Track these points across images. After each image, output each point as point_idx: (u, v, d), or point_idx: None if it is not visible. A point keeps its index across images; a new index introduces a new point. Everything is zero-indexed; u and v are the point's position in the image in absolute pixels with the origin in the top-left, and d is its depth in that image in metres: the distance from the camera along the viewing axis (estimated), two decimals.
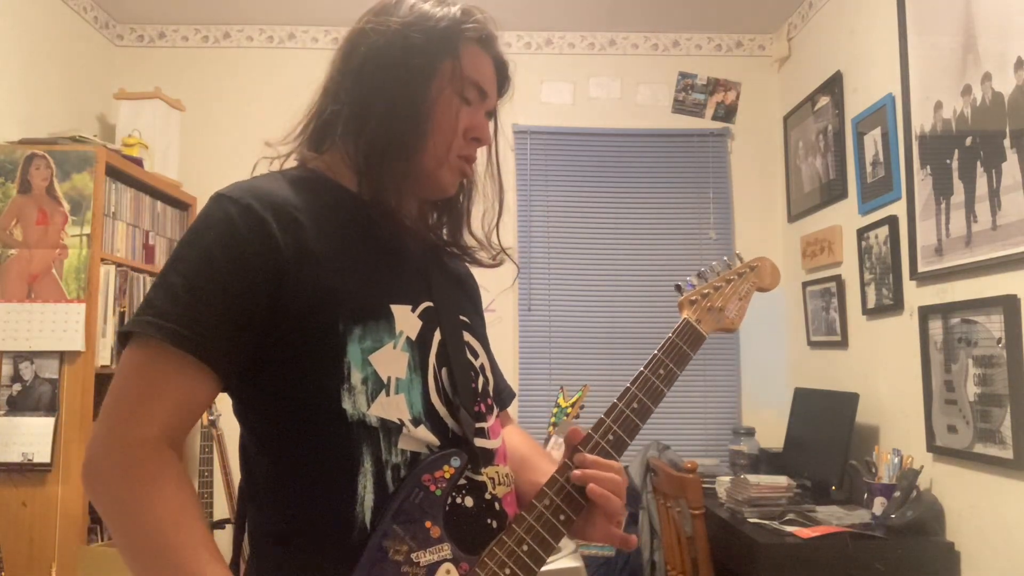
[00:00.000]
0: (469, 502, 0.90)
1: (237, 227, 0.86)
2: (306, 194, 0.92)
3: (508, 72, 1.06)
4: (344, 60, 0.99)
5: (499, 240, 1.11)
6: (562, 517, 0.92)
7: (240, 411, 0.93)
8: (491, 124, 1.05)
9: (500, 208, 1.09)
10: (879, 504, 2.33)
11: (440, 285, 1.00)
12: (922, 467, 2.33)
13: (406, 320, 0.91)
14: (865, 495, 2.47)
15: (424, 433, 0.89)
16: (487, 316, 1.17)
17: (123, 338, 0.86)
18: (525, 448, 1.11)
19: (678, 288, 1.11)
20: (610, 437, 0.97)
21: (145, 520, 0.79)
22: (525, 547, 0.89)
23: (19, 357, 2.56)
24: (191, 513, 0.81)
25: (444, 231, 1.09)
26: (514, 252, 3.53)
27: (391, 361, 0.88)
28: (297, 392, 0.87)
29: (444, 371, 0.94)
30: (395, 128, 0.94)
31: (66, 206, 2.64)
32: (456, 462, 0.89)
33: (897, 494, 2.30)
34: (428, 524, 0.86)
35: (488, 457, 0.95)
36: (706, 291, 1.11)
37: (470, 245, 1.09)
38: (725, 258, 1.16)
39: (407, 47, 0.95)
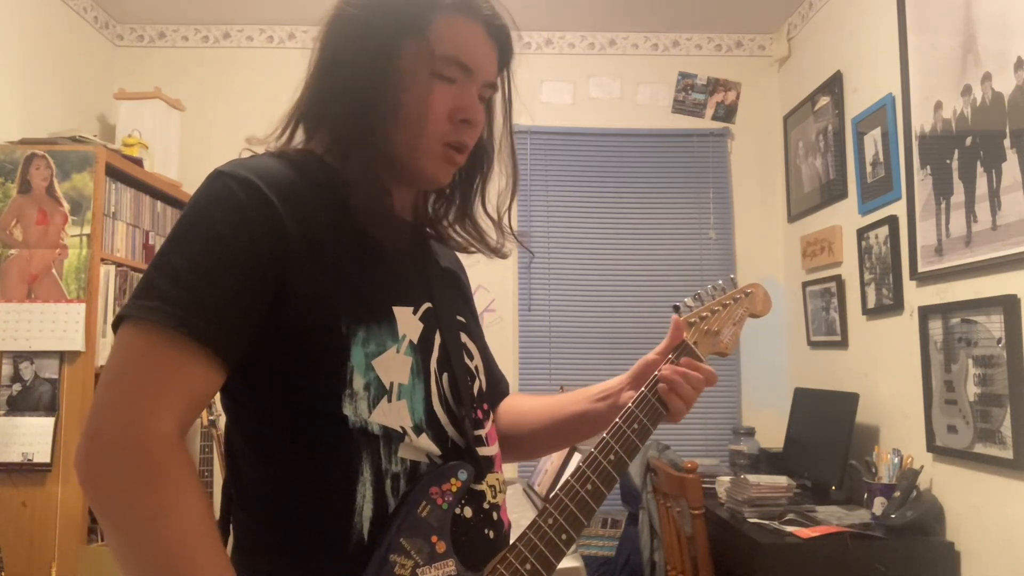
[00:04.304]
0: (468, 512, 0.88)
1: (244, 206, 0.80)
2: (310, 180, 0.87)
3: (507, 36, 0.95)
4: (319, 49, 0.93)
5: (507, 223, 1.02)
6: (564, 536, 0.90)
7: (232, 408, 0.87)
8: (498, 97, 0.97)
9: (514, 188, 1.01)
10: (879, 504, 2.33)
11: (439, 284, 0.96)
12: (922, 467, 2.33)
13: (408, 323, 0.87)
14: (865, 495, 2.47)
15: (425, 442, 0.86)
16: (487, 316, 1.16)
17: (119, 322, 0.78)
18: (545, 399, 1.14)
19: (676, 308, 1.10)
20: (616, 453, 0.97)
21: (169, 528, 0.72)
22: (528, 566, 0.88)
23: (19, 357, 2.56)
24: (212, 522, 0.76)
25: (450, 215, 1.02)
26: (514, 251, 3.52)
27: (394, 366, 0.85)
28: (295, 394, 0.82)
29: (445, 376, 0.91)
30: (358, 119, 0.88)
31: (66, 206, 2.63)
32: (463, 475, 0.87)
33: (897, 494, 2.30)
34: (434, 539, 0.84)
35: (488, 465, 0.93)
36: (704, 314, 1.11)
37: (478, 230, 1.02)
38: (720, 281, 1.15)
39: (369, 30, 0.88)
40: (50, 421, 2.52)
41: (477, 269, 1.15)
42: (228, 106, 3.55)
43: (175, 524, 0.72)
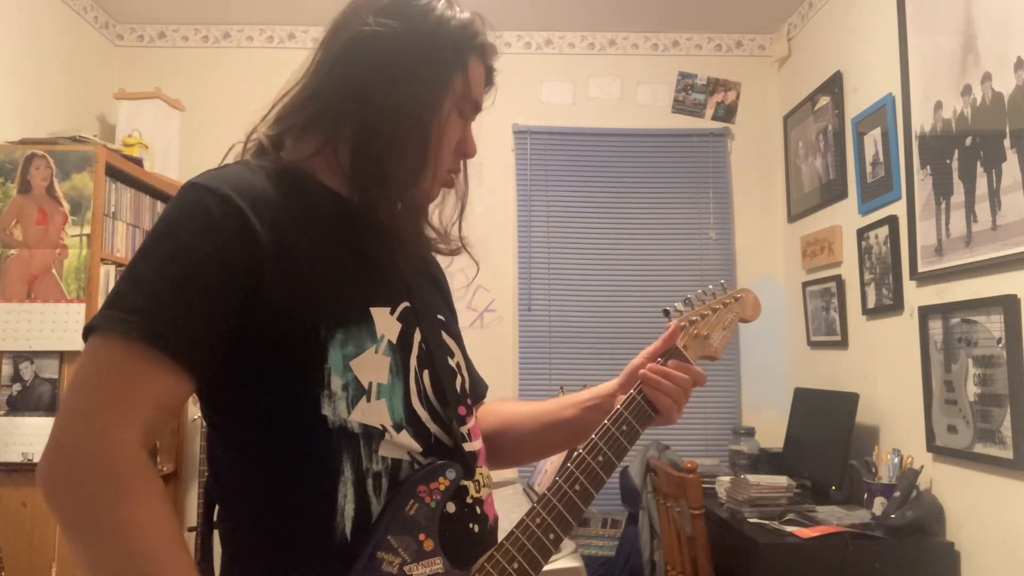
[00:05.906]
0: (451, 508, 0.89)
1: (214, 217, 0.81)
2: (284, 189, 0.88)
3: (494, 77, 1.03)
4: (341, 60, 0.93)
5: (453, 230, 1.05)
6: (552, 536, 0.92)
7: (210, 415, 0.88)
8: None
9: (463, 202, 1.04)
10: (879, 504, 2.33)
11: (417, 284, 0.98)
12: (922, 467, 2.33)
13: (385, 323, 0.88)
14: (865, 495, 2.47)
15: (406, 439, 0.87)
16: (487, 316, 1.16)
17: (89, 333, 0.79)
18: (532, 405, 1.16)
19: (666, 313, 1.12)
20: (604, 454, 0.98)
21: (133, 536, 0.73)
22: (515, 564, 0.89)
23: (19, 357, 2.56)
24: (177, 528, 0.77)
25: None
26: (514, 251, 3.54)
27: (373, 366, 0.86)
28: (274, 397, 0.83)
29: (426, 374, 0.92)
30: (402, 149, 0.90)
31: (66, 206, 2.64)
32: (451, 474, 0.88)
33: (897, 494, 2.30)
34: (422, 537, 0.85)
35: (473, 460, 0.94)
36: (694, 318, 1.12)
37: (431, 236, 1.05)
38: (711, 286, 1.17)
39: (420, 61, 0.91)
40: (50, 421, 2.49)
41: (476, 269, 1.15)
42: (228, 106, 3.54)
43: (138, 532, 0.73)
